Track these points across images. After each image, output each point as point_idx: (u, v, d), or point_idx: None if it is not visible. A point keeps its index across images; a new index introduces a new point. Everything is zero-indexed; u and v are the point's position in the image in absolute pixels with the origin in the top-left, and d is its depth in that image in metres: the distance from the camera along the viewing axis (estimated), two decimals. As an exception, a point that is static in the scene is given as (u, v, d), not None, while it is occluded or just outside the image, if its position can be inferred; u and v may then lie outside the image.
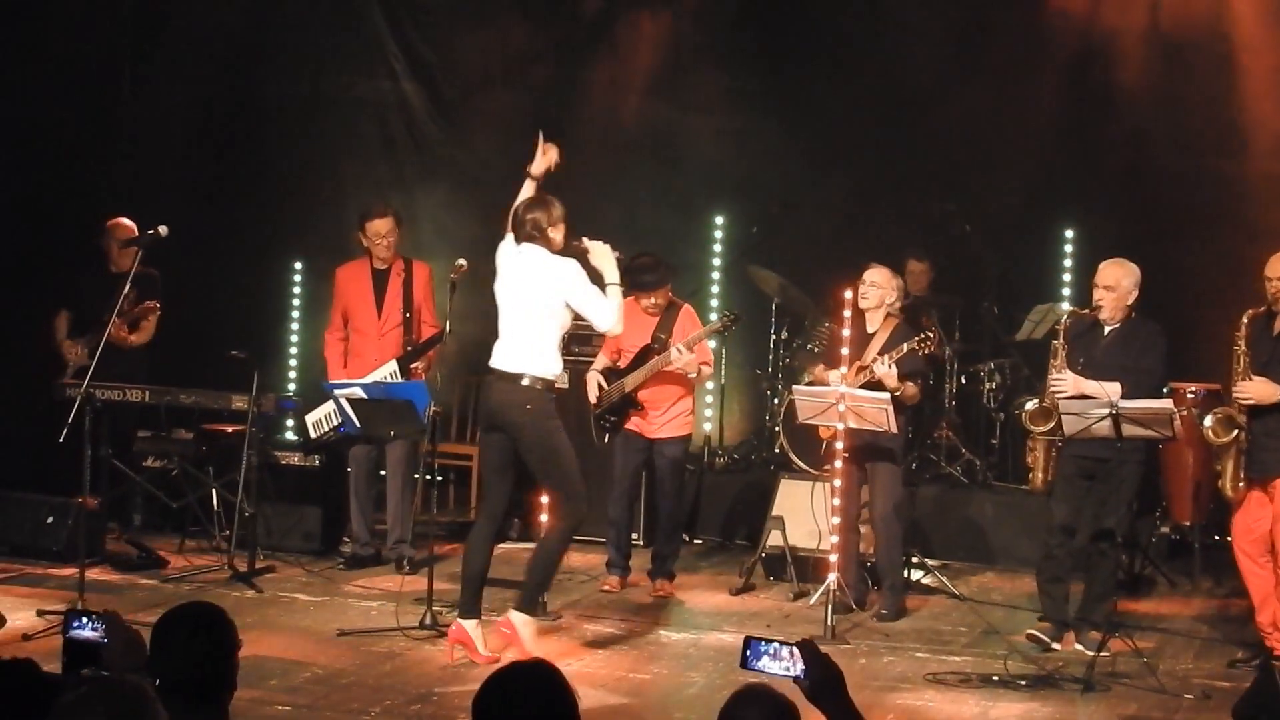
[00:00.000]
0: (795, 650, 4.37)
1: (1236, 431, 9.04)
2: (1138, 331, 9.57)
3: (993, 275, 13.33)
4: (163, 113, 13.85)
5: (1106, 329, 9.59)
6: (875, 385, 9.98)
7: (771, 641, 4.42)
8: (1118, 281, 9.52)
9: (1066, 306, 11.20)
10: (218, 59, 14.12)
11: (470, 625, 8.82)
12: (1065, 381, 9.40)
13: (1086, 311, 9.65)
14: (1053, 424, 9.34)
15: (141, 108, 13.80)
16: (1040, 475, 9.69)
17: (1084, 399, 9.16)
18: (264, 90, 14.37)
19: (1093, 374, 9.39)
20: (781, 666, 4.39)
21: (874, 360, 10.05)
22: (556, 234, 8.95)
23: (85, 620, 4.82)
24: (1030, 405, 9.54)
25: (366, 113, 14.75)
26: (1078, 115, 13.49)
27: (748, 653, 4.42)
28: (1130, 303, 9.54)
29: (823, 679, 4.33)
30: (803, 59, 13.92)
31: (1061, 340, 9.56)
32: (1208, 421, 9.15)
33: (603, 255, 9.14)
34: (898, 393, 10.02)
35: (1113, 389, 9.19)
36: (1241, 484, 9.16)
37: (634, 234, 12.10)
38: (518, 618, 8.81)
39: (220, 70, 14.14)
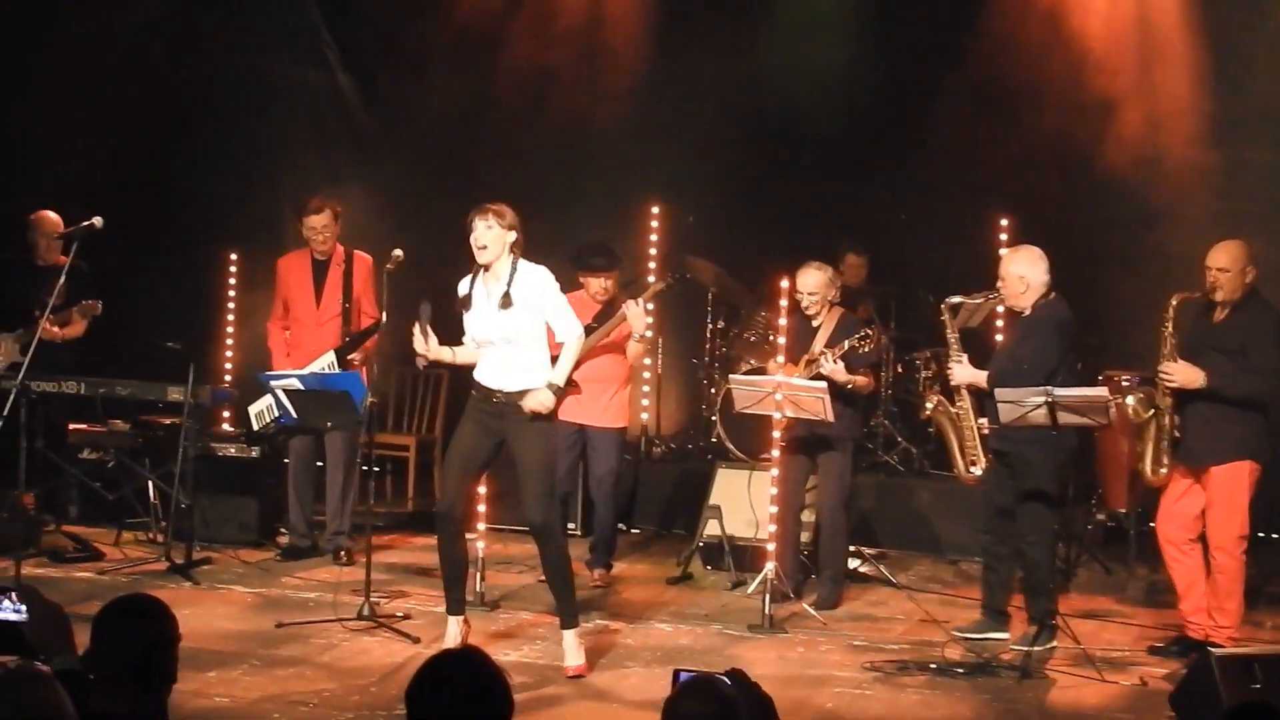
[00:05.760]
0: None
1: (1154, 411, 9.11)
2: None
3: (928, 264, 13.34)
4: (92, 101, 13.75)
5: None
6: (822, 376, 10.03)
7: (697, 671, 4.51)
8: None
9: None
10: (149, 45, 14.03)
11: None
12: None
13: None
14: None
15: (69, 96, 13.68)
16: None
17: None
18: (197, 79, 14.29)
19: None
20: None
21: (821, 355, 10.09)
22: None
23: (2, 599, 4.76)
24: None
25: (300, 102, 14.70)
26: (1013, 103, 13.54)
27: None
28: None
29: (752, 708, 4.38)
30: (737, 48, 13.94)
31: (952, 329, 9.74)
32: (1129, 400, 9.21)
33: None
34: (849, 386, 10.08)
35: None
36: (1164, 470, 9.22)
37: (571, 224, 12.10)
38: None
39: (152, 57, 14.04)
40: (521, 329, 8.50)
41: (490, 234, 8.45)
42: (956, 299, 9.90)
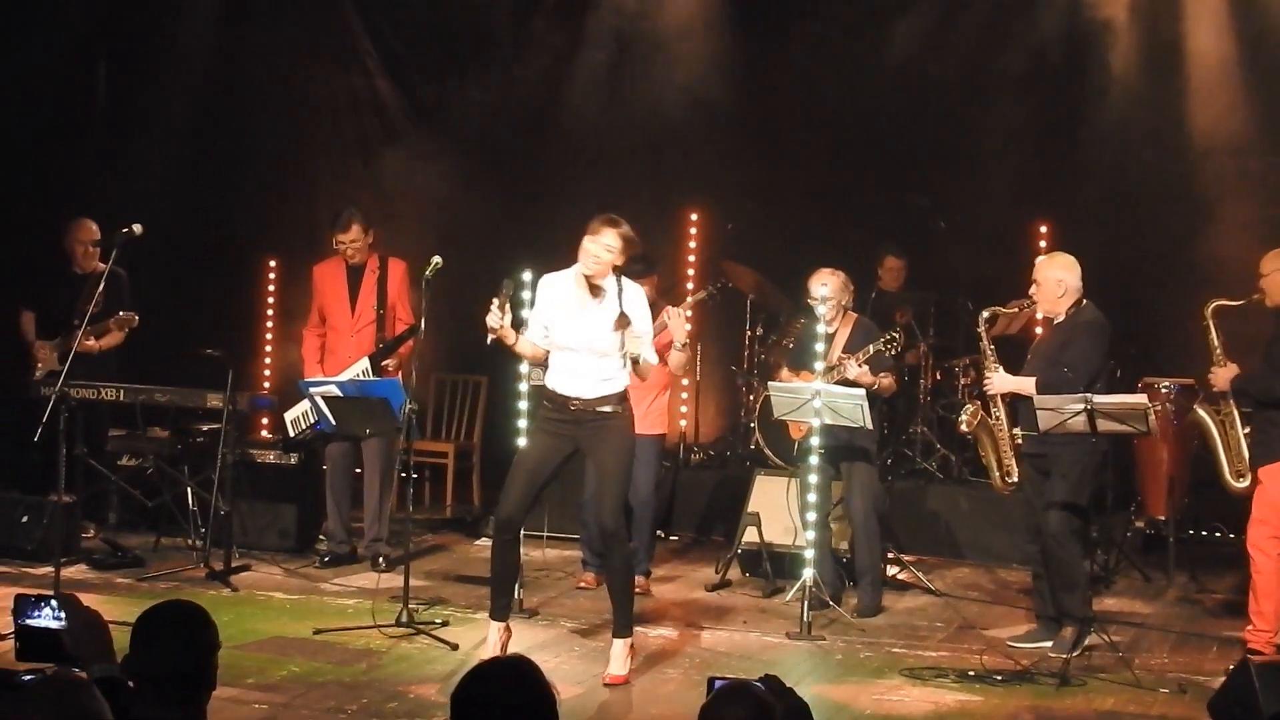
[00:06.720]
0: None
1: (1195, 413, 9.17)
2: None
3: (967, 272, 13.31)
4: (133, 111, 13.82)
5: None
6: (846, 382, 10.00)
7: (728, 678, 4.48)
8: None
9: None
10: (189, 56, 14.09)
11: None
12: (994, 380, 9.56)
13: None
14: None
15: (111, 106, 13.76)
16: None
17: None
18: (237, 85, 14.34)
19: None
20: None
21: (841, 360, 10.07)
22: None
23: (42, 606, 4.76)
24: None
25: (339, 110, 14.74)
26: (1052, 111, 13.52)
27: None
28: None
29: (788, 714, 4.37)
30: (780, 54, 13.94)
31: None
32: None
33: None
34: (875, 388, 10.05)
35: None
36: (1244, 479, 9.24)
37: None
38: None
39: (192, 67, 14.10)
40: (618, 344, 8.54)
41: (612, 254, 8.47)
42: (990, 311, 9.86)
